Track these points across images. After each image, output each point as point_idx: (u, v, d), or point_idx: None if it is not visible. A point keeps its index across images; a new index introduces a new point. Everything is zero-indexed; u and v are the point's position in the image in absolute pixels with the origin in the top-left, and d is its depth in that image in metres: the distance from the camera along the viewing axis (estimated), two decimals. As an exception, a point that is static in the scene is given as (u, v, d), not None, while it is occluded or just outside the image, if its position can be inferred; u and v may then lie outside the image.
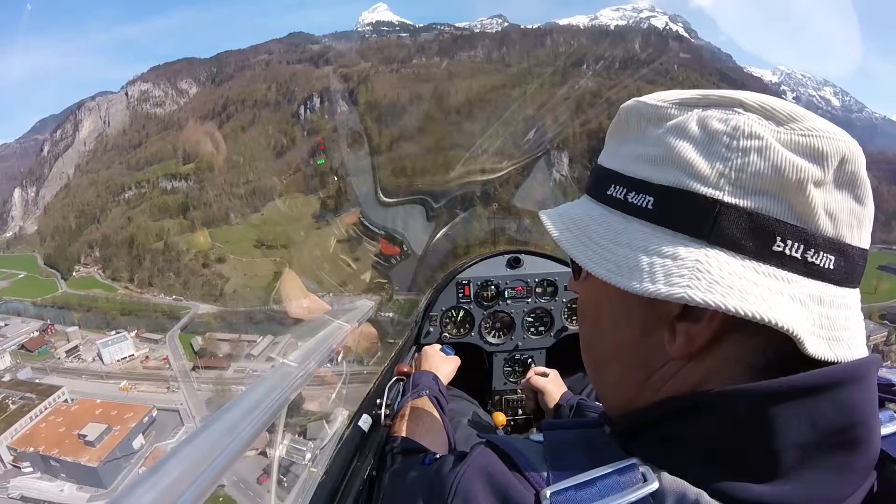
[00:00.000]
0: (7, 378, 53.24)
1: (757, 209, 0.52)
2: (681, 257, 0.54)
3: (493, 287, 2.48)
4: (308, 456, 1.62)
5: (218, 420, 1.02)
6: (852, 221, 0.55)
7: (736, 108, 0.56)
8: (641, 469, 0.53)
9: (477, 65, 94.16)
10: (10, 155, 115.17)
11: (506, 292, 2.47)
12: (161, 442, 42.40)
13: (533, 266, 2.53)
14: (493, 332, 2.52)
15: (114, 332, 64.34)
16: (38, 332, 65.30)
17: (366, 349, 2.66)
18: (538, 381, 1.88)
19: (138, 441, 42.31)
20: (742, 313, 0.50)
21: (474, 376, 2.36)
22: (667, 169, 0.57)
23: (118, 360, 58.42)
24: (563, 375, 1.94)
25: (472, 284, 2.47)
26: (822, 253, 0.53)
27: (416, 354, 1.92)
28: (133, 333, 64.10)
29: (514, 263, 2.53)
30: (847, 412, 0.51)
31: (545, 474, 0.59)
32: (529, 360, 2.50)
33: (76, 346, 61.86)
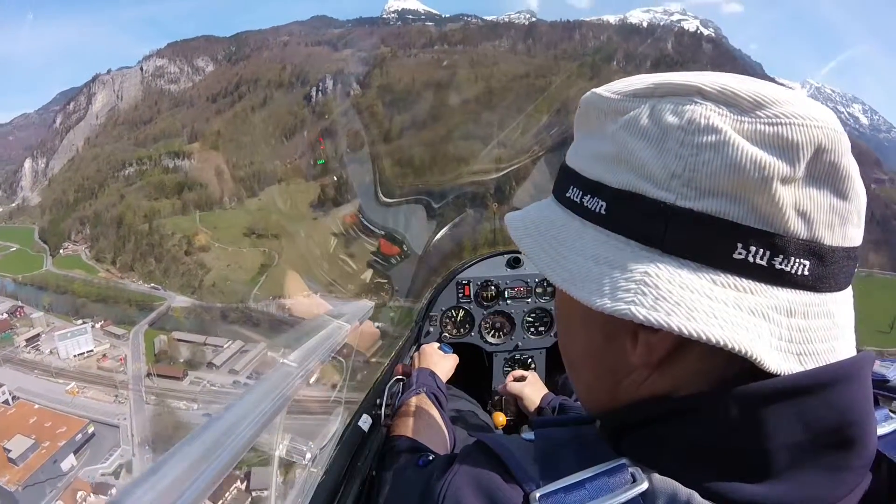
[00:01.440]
0: (-49, 367, 49.05)
1: (713, 212, 0.49)
2: (629, 269, 0.51)
3: (493, 287, 2.49)
4: (308, 456, 1.68)
5: (218, 420, 1.04)
6: (832, 219, 0.50)
7: (693, 97, 0.51)
8: (631, 470, 0.52)
9: (501, 54, 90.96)
10: (29, 125, 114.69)
11: (506, 292, 2.48)
12: (91, 466, 36.80)
13: (533, 266, 2.25)
14: (492, 332, 2.53)
15: (80, 322, 60.05)
16: (5, 315, 61.43)
17: (366, 349, 2.60)
18: (514, 387, 1.92)
19: (68, 462, 36.69)
20: (686, 333, 0.47)
21: (474, 376, 2.41)
22: (620, 170, 0.54)
23: (75, 356, 53.90)
24: (562, 375, 2.00)
25: (472, 284, 2.48)
26: (793, 258, 0.49)
27: (415, 354, 1.92)
28: (99, 324, 59.82)
29: (514, 263, 2.54)
30: (840, 411, 0.49)
31: (535, 475, 0.57)
32: (529, 360, 2.51)
33: (38, 335, 57.65)
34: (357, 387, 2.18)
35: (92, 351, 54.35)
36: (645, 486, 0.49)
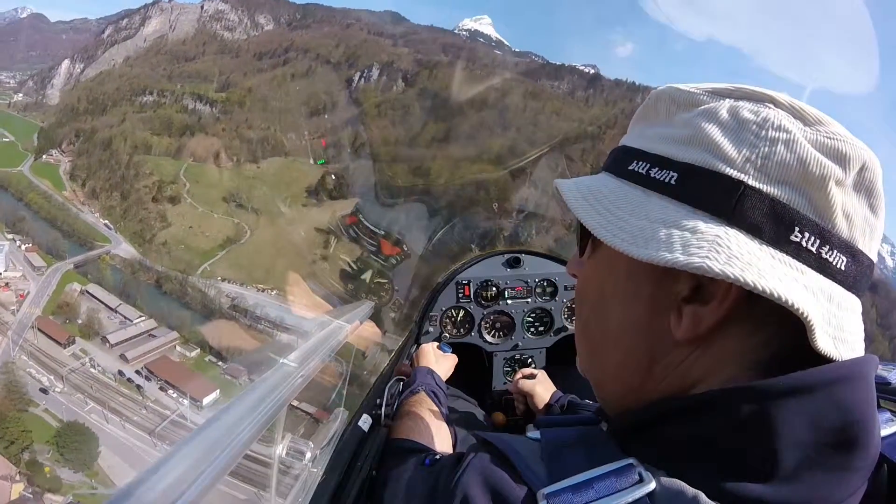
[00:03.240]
0: None
1: (779, 197, 0.53)
2: (700, 231, 0.54)
3: (493, 287, 2.50)
4: (308, 456, 1.60)
5: (218, 420, 1.07)
6: (866, 229, 0.56)
7: (767, 104, 0.57)
8: (639, 469, 0.52)
9: (557, 94, 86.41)
10: (85, 30, 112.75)
11: (506, 292, 2.50)
12: None
13: (533, 266, 2.56)
14: (492, 332, 2.54)
15: (10, 237, 54.27)
16: None
17: (366, 349, 2.64)
18: (526, 384, 1.93)
19: None
20: (760, 289, 0.50)
21: (474, 376, 2.42)
22: (693, 149, 0.58)
23: None
24: (562, 375, 1.99)
25: (472, 284, 2.49)
26: (836, 252, 0.54)
27: (414, 353, 1.95)
28: (25, 246, 53.83)
29: (514, 263, 2.56)
30: (845, 411, 0.50)
31: (542, 474, 0.58)
32: (529, 360, 2.53)
33: None
34: (357, 386, 2.21)
35: None
36: (652, 486, 0.49)
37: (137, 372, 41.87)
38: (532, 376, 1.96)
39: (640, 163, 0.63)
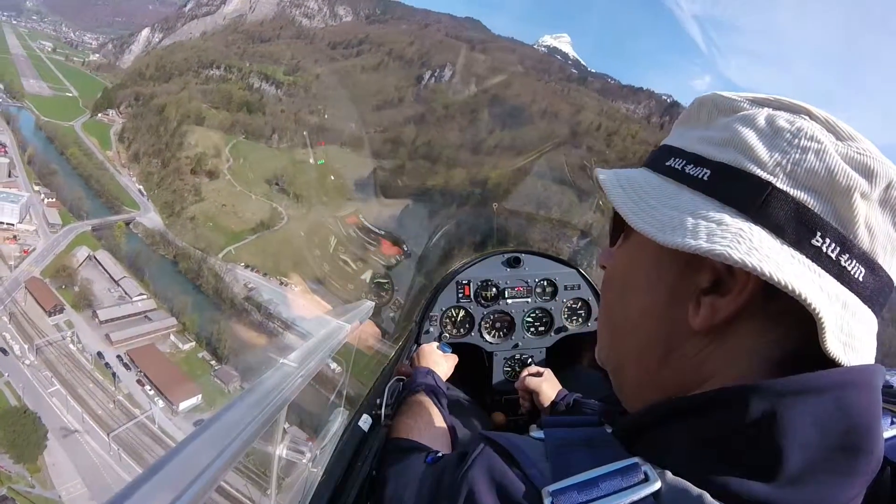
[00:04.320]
0: None
1: (804, 202, 0.55)
2: (726, 223, 0.56)
3: (493, 287, 2.50)
4: (308, 456, 1.58)
5: (217, 420, 1.04)
6: (888, 245, 0.56)
7: (803, 115, 0.59)
8: (644, 468, 0.53)
9: (633, 117, 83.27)
10: (171, 3, 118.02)
11: (506, 292, 2.48)
12: None
13: (533, 266, 2.55)
14: (492, 332, 2.53)
15: (37, 188, 52.40)
16: None
17: (366, 349, 2.67)
18: (532, 382, 1.91)
19: None
20: (776, 280, 0.51)
21: (474, 376, 2.42)
22: (728, 150, 0.61)
23: None
24: (562, 375, 1.97)
25: (472, 284, 2.49)
26: (855, 262, 0.55)
27: (414, 353, 1.96)
28: (46, 201, 51.82)
29: (514, 263, 2.55)
30: (852, 415, 0.51)
31: (546, 472, 0.59)
32: (529, 359, 2.51)
33: None
34: (357, 387, 2.23)
35: (11, 225, 46.82)
36: (657, 485, 0.50)
37: (119, 357, 37.76)
38: (539, 374, 1.95)
39: (678, 160, 0.65)
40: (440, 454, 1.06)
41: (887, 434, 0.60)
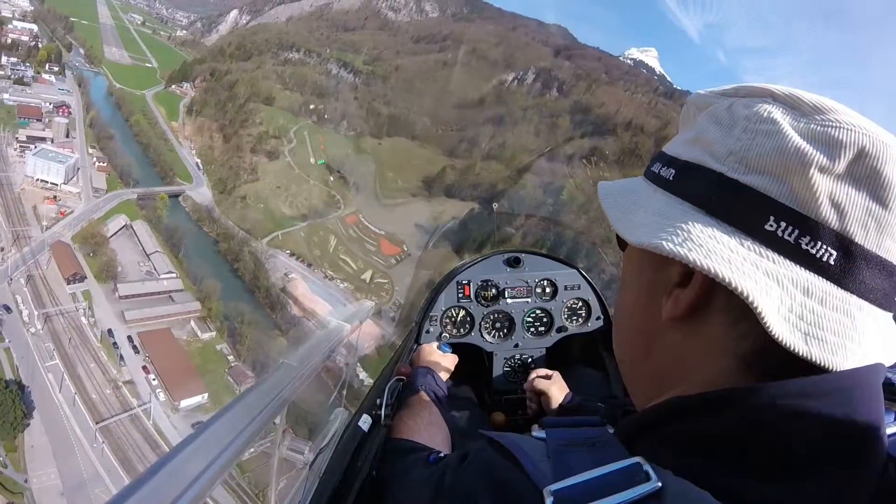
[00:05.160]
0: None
1: (755, 186, 0.54)
2: (675, 219, 0.58)
3: (493, 287, 2.50)
4: (308, 456, 1.64)
5: (218, 420, 1.07)
6: (867, 221, 0.53)
7: (766, 98, 0.59)
8: (645, 468, 0.53)
9: None
10: None
11: (506, 292, 2.49)
12: None
13: (533, 266, 2.55)
14: (493, 332, 2.52)
15: (91, 149, 50.98)
16: (51, 106, 56.43)
17: (366, 349, 2.62)
18: (542, 384, 1.91)
19: None
20: (699, 266, 0.53)
21: (474, 376, 2.45)
22: (694, 148, 0.63)
23: (36, 179, 45.44)
24: (562, 375, 1.99)
25: (472, 284, 2.50)
26: (820, 244, 0.53)
27: (414, 353, 1.99)
28: (97, 165, 50.29)
29: (514, 263, 2.54)
30: (855, 417, 0.51)
31: (548, 472, 0.58)
32: (529, 360, 2.50)
33: (36, 138, 50.36)
34: (357, 386, 2.15)
35: (56, 185, 45.38)
36: (659, 484, 0.50)
37: (129, 338, 34.79)
38: (548, 377, 1.96)
39: (658, 164, 0.68)
40: (441, 454, 1.07)
41: (890, 430, 0.59)
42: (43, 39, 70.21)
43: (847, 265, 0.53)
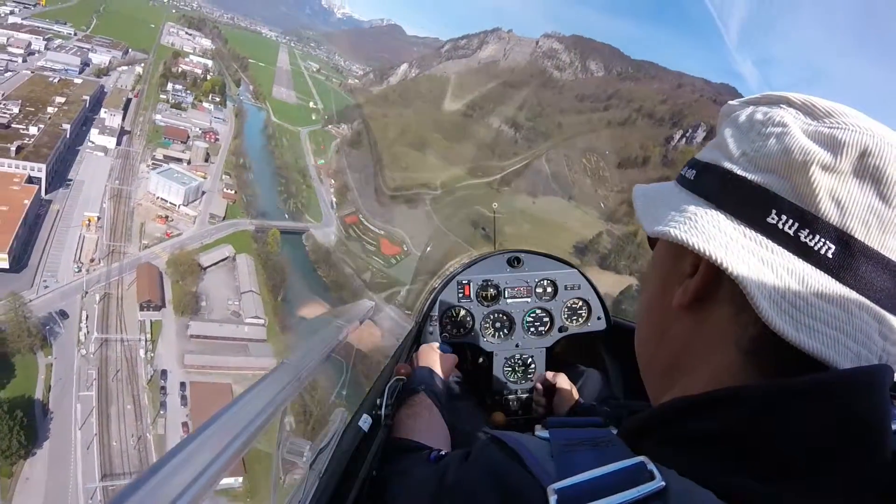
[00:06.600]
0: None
1: (761, 183, 0.58)
2: (685, 210, 0.63)
3: (493, 287, 2.51)
4: (308, 456, 1.55)
5: (217, 420, 1.05)
6: (868, 218, 0.54)
7: (781, 104, 0.63)
8: (649, 467, 0.53)
9: None
10: (434, 47, 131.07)
11: (506, 292, 2.50)
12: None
13: (533, 266, 2.56)
14: (493, 332, 2.53)
15: (201, 176, 49.48)
16: (199, 131, 58.10)
17: (366, 349, 2.71)
18: (565, 382, 1.94)
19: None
20: (696, 248, 0.57)
21: (474, 376, 2.49)
22: (714, 151, 0.67)
23: (156, 196, 45.24)
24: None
25: (472, 284, 2.50)
26: (819, 237, 0.54)
27: (414, 353, 2.01)
28: (222, 190, 48.95)
29: (515, 263, 2.56)
30: (860, 416, 0.51)
31: (551, 471, 0.58)
32: (530, 359, 2.51)
33: (172, 158, 51.14)
34: (357, 386, 2.25)
35: (174, 205, 44.07)
36: (662, 483, 0.50)
37: (182, 385, 30.55)
38: (555, 381, 1.95)
39: (686, 167, 0.72)
40: (442, 452, 1.09)
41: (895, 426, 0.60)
42: (215, 74, 71.78)
43: (846, 259, 0.54)
